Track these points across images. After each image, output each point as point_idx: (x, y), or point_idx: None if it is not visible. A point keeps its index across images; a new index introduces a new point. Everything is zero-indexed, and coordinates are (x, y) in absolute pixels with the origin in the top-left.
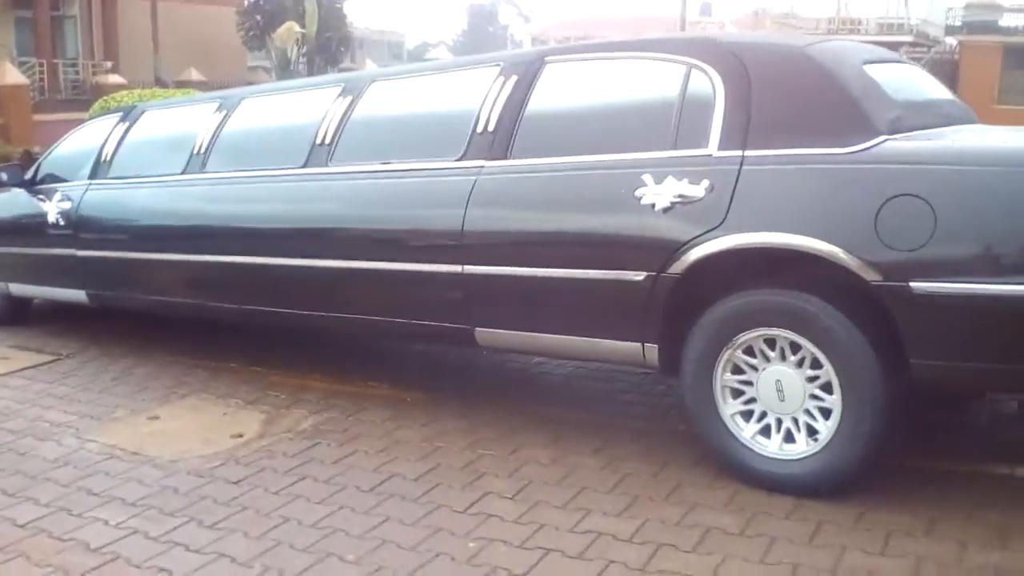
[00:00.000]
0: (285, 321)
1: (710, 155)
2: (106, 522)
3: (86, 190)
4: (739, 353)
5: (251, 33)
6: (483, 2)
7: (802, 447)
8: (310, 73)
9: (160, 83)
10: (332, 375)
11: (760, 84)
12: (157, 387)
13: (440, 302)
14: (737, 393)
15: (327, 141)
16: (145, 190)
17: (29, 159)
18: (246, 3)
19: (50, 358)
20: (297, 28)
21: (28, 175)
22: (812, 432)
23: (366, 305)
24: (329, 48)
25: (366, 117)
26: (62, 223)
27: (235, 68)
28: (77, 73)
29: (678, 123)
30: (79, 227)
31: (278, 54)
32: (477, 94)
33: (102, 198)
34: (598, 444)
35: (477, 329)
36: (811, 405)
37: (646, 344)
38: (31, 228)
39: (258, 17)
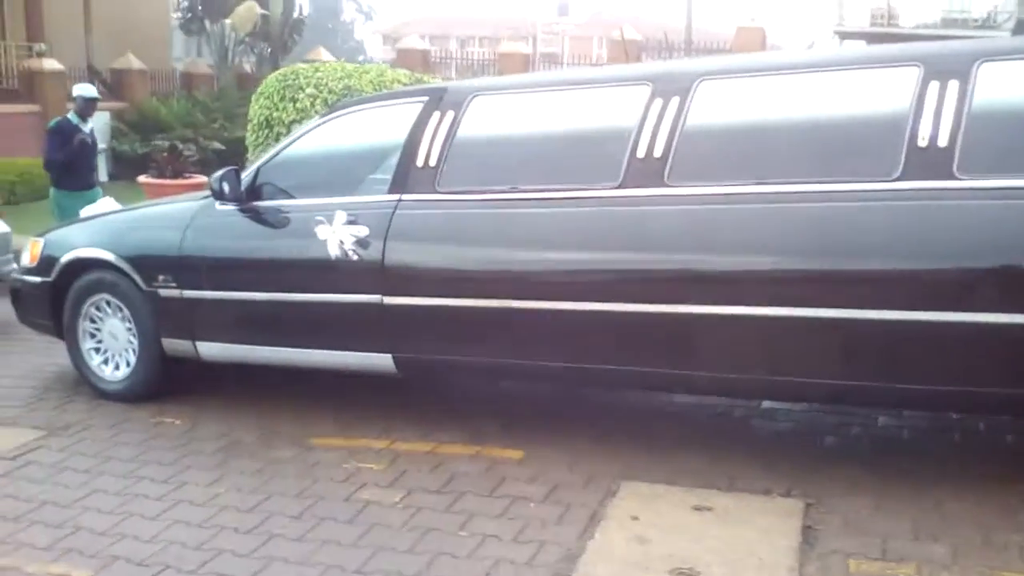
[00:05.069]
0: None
1: None
2: None
3: (395, 209)
4: None
5: (188, 15)
6: None
7: None
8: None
9: (92, 71)
10: None
11: None
12: None
13: None
14: None
15: (944, 143)
16: (544, 211)
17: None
18: None
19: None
20: (258, 9)
21: (243, 186)
22: None
23: None
24: (281, 36)
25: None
26: (355, 257)
27: (160, 56)
28: None
29: None
30: (391, 263)
31: (219, 40)
32: None
33: (438, 221)
34: None
35: None
36: None
37: None
38: (274, 264)
39: None
